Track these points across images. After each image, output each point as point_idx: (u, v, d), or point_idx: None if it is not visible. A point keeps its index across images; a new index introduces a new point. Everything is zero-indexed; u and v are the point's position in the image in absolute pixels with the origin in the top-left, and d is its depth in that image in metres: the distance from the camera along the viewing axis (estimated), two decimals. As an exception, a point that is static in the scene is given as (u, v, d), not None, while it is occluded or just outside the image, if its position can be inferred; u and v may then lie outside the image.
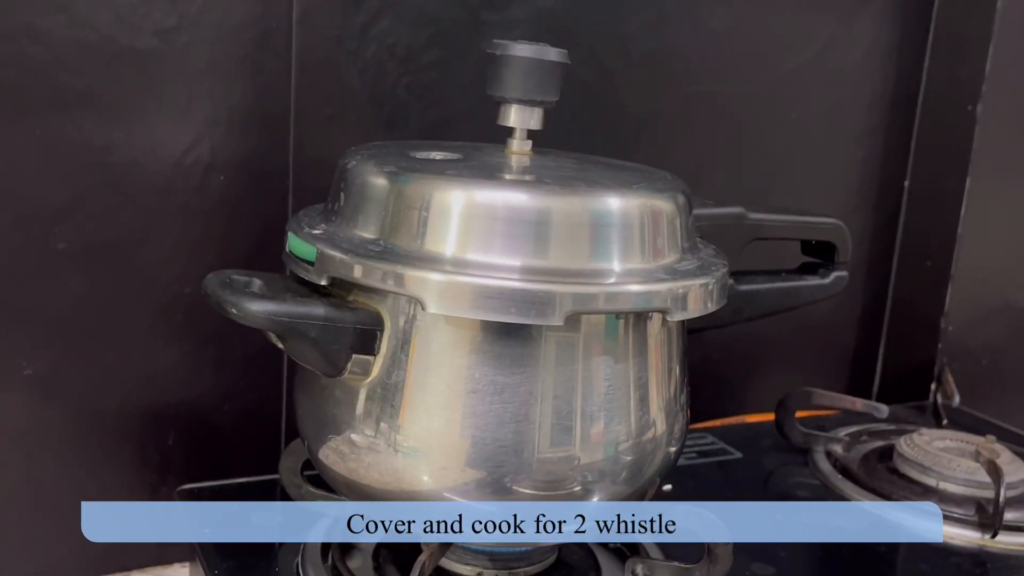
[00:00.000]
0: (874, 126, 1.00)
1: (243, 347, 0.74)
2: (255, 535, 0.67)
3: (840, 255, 0.75)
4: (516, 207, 0.51)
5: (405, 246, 0.52)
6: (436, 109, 0.79)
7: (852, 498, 0.78)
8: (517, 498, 0.53)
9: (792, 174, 0.96)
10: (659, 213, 0.54)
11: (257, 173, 0.74)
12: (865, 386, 1.07)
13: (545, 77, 0.56)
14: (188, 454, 0.76)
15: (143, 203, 0.71)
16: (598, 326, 0.53)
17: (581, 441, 0.54)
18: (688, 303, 0.53)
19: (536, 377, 0.52)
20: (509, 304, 0.49)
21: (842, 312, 1.03)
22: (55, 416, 0.71)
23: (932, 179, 1.01)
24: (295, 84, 0.74)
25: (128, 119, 0.69)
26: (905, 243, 1.04)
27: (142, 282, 0.72)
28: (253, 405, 0.77)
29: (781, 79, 0.93)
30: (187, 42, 0.70)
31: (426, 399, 0.53)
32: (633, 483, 0.57)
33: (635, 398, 0.55)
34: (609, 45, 0.84)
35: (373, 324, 0.52)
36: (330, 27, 0.74)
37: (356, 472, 0.55)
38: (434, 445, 0.53)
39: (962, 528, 0.74)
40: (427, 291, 0.50)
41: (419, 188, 0.52)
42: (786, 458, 0.85)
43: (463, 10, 0.78)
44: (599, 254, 0.52)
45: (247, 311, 0.50)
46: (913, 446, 0.80)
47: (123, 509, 0.74)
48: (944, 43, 0.98)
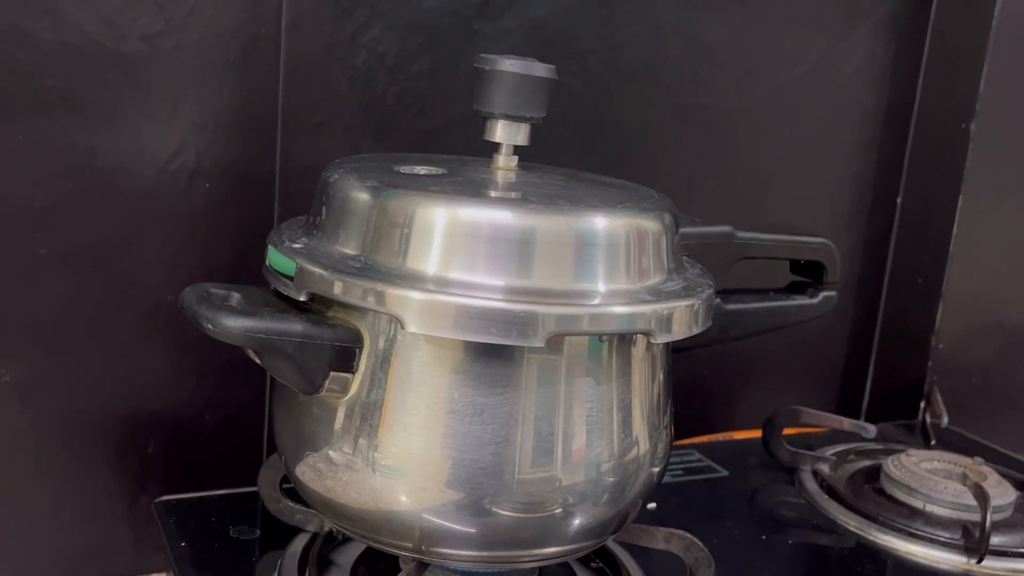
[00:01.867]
0: (867, 142, 0.99)
1: (226, 355, 0.73)
2: (233, 548, 0.66)
3: (829, 275, 0.74)
4: (500, 226, 0.50)
5: (386, 263, 0.51)
6: (426, 118, 0.78)
7: (838, 519, 0.77)
8: (497, 519, 0.52)
9: (784, 189, 0.96)
10: (645, 233, 0.54)
11: (243, 179, 0.73)
12: (854, 403, 1.06)
13: (532, 93, 0.55)
14: (169, 462, 0.75)
15: (127, 208, 0.70)
16: (581, 347, 0.52)
17: (562, 462, 0.53)
18: (673, 325, 0.53)
19: (517, 398, 0.51)
20: (490, 324, 0.49)
21: (832, 328, 1.03)
22: (33, 423, 0.70)
23: (925, 196, 1.00)
24: (283, 90, 0.73)
25: (114, 124, 0.68)
26: (897, 260, 1.03)
27: (124, 288, 0.71)
28: (235, 414, 0.77)
29: (774, 93, 0.92)
30: (174, 47, 0.69)
31: (405, 418, 0.52)
32: (615, 504, 0.56)
33: (618, 419, 0.54)
34: (601, 57, 0.84)
35: (352, 341, 0.52)
36: (320, 34, 0.73)
37: (333, 491, 0.54)
38: (413, 465, 0.52)
39: (948, 552, 0.73)
40: (408, 310, 0.49)
41: (402, 204, 0.51)
42: (772, 476, 0.84)
43: (455, 20, 0.77)
44: (583, 274, 0.51)
45: (223, 327, 0.49)
46: (900, 467, 0.80)
47: (101, 518, 0.73)
48: (939, 60, 0.98)
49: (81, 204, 0.69)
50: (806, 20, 0.92)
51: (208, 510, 0.70)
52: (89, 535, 0.74)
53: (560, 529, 0.55)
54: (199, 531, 0.68)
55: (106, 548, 0.74)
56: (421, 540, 0.54)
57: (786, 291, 0.76)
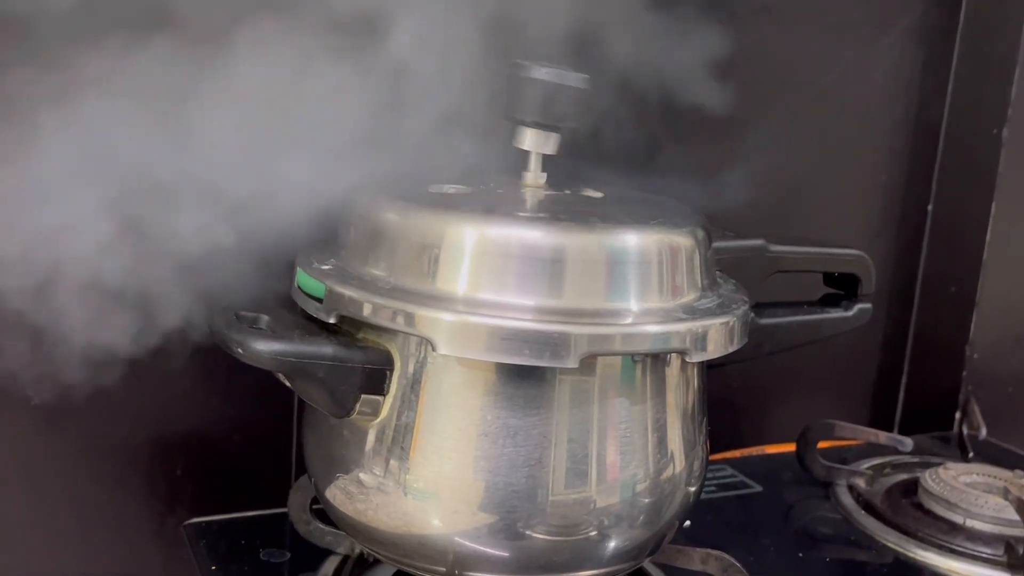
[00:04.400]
0: (897, 150, 0.98)
1: (253, 377, 0.72)
2: (263, 571, 0.66)
3: (864, 287, 0.73)
4: (530, 245, 0.50)
5: (416, 284, 0.50)
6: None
7: (875, 535, 0.75)
8: (531, 543, 0.52)
9: (814, 199, 0.95)
10: (677, 249, 0.53)
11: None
12: (888, 415, 1.05)
13: (564, 102, 0.55)
14: (198, 485, 0.75)
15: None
16: (614, 367, 0.52)
17: (597, 484, 0.52)
18: (708, 343, 0.52)
19: (550, 419, 0.51)
20: (522, 346, 0.48)
21: (865, 339, 1.01)
22: (62, 447, 0.70)
23: (956, 204, 0.99)
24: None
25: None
26: (929, 269, 1.01)
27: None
28: (264, 435, 0.76)
29: (802, 103, 0.91)
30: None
31: (436, 441, 0.51)
32: (652, 525, 0.55)
33: (653, 439, 0.53)
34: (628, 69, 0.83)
35: (383, 363, 0.51)
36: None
37: (364, 513, 0.53)
38: (445, 488, 0.51)
39: (990, 569, 0.71)
40: (438, 331, 0.48)
41: (430, 224, 0.51)
42: (807, 492, 0.82)
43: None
44: (615, 293, 0.51)
45: (253, 351, 0.49)
46: (939, 481, 0.78)
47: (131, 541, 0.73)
48: (969, 66, 0.97)
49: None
50: (833, 29, 0.91)
51: (238, 532, 0.70)
52: (119, 558, 0.74)
53: (595, 552, 0.54)
54: (229, 554, 0.67)
55: (136, 571, 0.74)
56: (454, 564, 0.53)
57: (820, 304, 0.74)
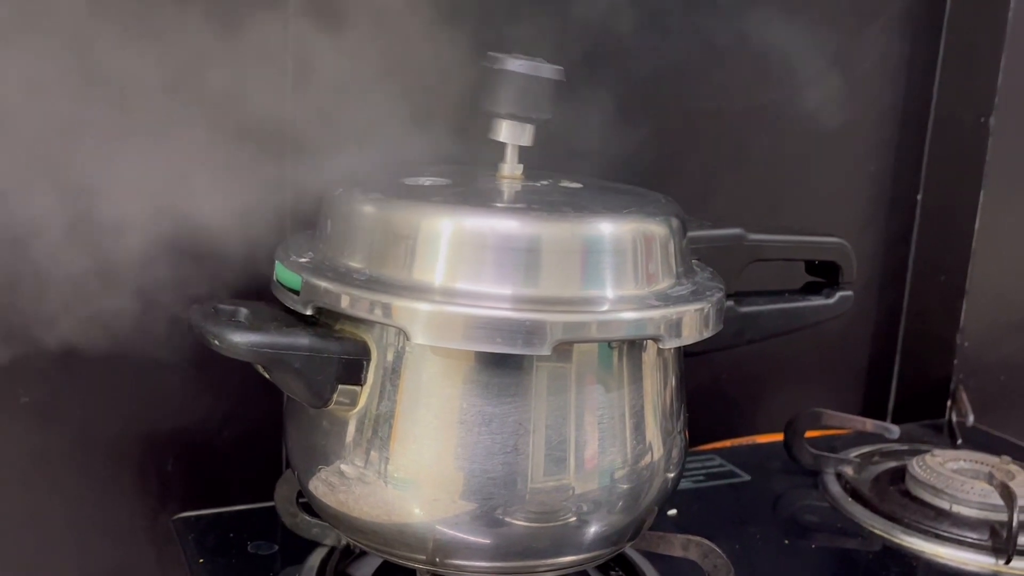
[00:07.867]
0: (885, 140, 0.98)
1: (242, 372, 0.73)
2: (251, 564, 0.66)
3: (845, 275, 0.73)
4: (505, 234, 0.50)
5: (392, 275, 0.51)
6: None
7: (863, 522, 0.76)
8: (511, 529, 0.52)
9: (802, 190, 0.95)
10: (652, 238, 0.53)
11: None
12: (880, 404, 1.05)
13: (539, 94, 0.55)
14: (187, 480, 0.76)
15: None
16: (591, 354, 0.52)
17: (575, 471, 0.52)
18: (682, 329, 0.52)
19: (527, 407, 0.51)
20: (496, 334, 0.48)
21: (856, 328, 1.01)
22: (53, 444, 0.71)
23: (945, 192, 0.99)
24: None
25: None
26: (918, 258, 1.02)
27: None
28: (253, 430, 0.77)
29: (788, 94, 0.91)
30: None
31: (415, 430, 0.52)
32: (631, 511, 0.55)
33: (630, 426, 0.54)
34: (612, 62, 0.83)
35: (360, 354, 0.52)
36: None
37: (346, 504, 0.54)
38: (424, 477, 0.52)
39: (975, 553, 0.72)
40: (414, 321, 0.49)
41: (406, 216, 0.51)
42: (795, 480, 0.83)
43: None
44: (590, 281, 0.51)
45: (230, 342, 0.49)
46: (925, 468, 0.79)
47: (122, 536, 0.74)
48: (955, 54, 0.97)
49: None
50: (819, 20, 0.91)
51: (226, 526, 0.70)
52: (110, 554, 0.74)
53: (575, 538, 0.54)
54: (217, 547, 0.68)
55: (127, 566, 0.75)
56: (435, 552, 0.53)
57: (802, 292, 0.75)
